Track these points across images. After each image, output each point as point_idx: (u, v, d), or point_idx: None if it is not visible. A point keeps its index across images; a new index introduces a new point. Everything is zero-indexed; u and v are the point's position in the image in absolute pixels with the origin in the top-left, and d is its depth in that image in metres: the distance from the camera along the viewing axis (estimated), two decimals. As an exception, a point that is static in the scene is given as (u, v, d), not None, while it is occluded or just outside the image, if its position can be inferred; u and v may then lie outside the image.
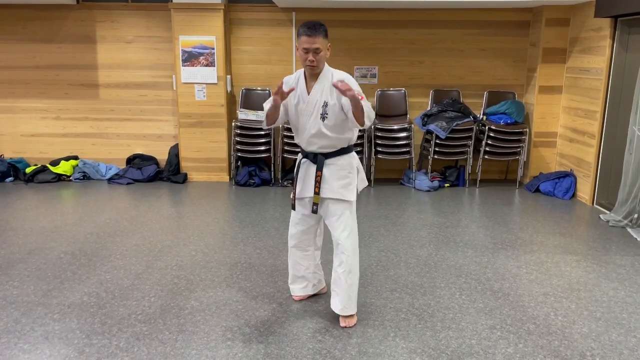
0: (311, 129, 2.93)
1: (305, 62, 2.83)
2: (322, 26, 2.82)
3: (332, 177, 2.96)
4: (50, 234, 4.57)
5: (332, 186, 2.96)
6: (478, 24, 6.47)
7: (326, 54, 2.86)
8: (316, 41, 2.77)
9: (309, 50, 2.79)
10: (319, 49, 2.80)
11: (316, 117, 2.90)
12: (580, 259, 4.13)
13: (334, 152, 2.98)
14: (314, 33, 2.77)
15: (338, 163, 2.99)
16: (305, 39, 2.78)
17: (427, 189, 6.17)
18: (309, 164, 3.02)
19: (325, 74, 2.92)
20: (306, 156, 3.03)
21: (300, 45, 2.82)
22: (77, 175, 6.52)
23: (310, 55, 2.80)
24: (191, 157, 6.57)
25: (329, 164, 2.97)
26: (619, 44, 5.26)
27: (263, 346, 2.81)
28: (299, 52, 2.85)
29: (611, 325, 3.10)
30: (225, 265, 3.91)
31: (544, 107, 6.32)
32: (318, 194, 2.97)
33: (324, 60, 2.88)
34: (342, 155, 3.00)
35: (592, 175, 5.62)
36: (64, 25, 6.52)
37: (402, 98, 6.57)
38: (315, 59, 2.81)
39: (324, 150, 2.97)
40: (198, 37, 6.22)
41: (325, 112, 2.89)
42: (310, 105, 2.92)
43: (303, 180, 3.04)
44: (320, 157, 2.96)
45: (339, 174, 2.98)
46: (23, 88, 6.68)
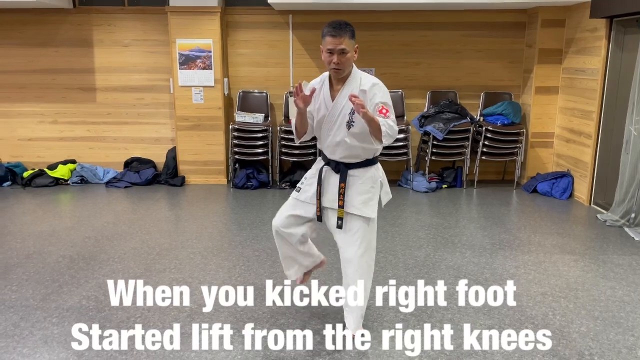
0: (335, 137, 2.72)
1: (330, 64, 2.63)
2: (349, 25, 2.63)
3: (353, 191, 2.76)
4: (48, 238, 4.56)
5: (351, 200, 2.75)
6: (474, 26, 6.49)
7: (353, 56, 2.66)
8: (342, 41, 2.58)
9: (333, 52, 2.59)
10: (345, 50, 2.60)
11: (341, 125, 2.69)
12: (578, 258, 4.14)
13: (358, 163, 2.78)
14: (340, 33, 2.58)
15: (361, 175, 2.79)
16: (330, 39, 2.59)
17: (425, 190, 6.18)
18: (330, 172, 2.81)
19: (353, 78, 2.72)
20: (328, 163, 2.83)
21: (324, 46, 2.63)
22: (75, 179, 6.51)
23: (335, 57, 2.60)
24: (189, 160, 6.57)
25: (351, 176, 2.77)
26: (614, 44, 5.28)
27: (262, 348, 2.81)
28: (323, 55, 2.65)
29: (609, 325, 3.11)
30: (224, 268, 3.91)
31: (540, 108, 6.34)
32: (342, 208, 2.75)
33: (350, 63, 2.67)
34: (366, 167, 2.80)
35: (589, 175, 5.64)
36: (61, 29, 6.52)
37: (399, 100, 6.58)
38: (340, 61, 2.61)
39: (348, 160, 2.77)
40: (195, 40, 6.23)
41: (352, 120, 2.67)
42: (335, 112, 2.71)
43: (323, 187, 2.82)
44: (343, 168, 2.76)
45: (361, 187, 2.77)
46: (20, 92, 6.67)
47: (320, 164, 2.90)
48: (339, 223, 2.78)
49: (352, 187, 2.77)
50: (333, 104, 2.71)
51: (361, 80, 2.73)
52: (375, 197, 2.84)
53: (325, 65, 2.68)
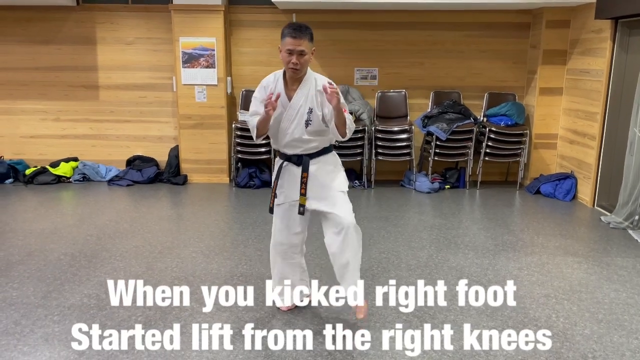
0: (293, 134, 2.85)
1: (289, 64, 2.74)
2: (308, 29, 2.74)
3: (320, 173, 2.91)
4: (50, 235, 4.55)
5: (322, 181, 2.90)
6: (478, 26, 6.47)
7: (310, 58, 2.78)
8: (301, 43, 2.69)
9: (293, 52, 2.71)
10: (304, 52, 2.71)
11: (299, 124, 2.83)
12: (582, 260, 4.12)
13: (317, 152, 2.92)
14: (300, 35, 2.69)
15: (322, 160, 2.94)
16: (289, 40, 2.70)
17: (428, 191, 6.16)
18: (291, 167, 2.94)
19: (308, 78, 2.83)
20: (288, 159, 2.95)
21: (283, 46, 2.74)
22: (77, 176, 6.51)
23: (294, 57, 2.71)
24: (191, 159, 6.56)
25: (314, 163, 2.91)
26: (619, 45, 5.25)
27: (264, 348, 2.79)
28: (282, 54, 2.76)
29: (613, 327, 3.09)
30: (226, 267, 3.90)
31: (544, 109, 6.32)
32: (304, 196, 2.90)
33: (307, 64, 2.79)
34: (326, 154, 2.96)
35: (593, 177, 5.61)
36: (64, 27, 6.51)
37: (402, 100, 6.56)
38: (299, 62, 2.72)
39: (308, 152, 2.91)
40: (198, 39, 6.22)
41: (309, 119, 2.81)
42: (292, 111, 2.83)
43: (288, 184, 2.95)
44: (305, 158, 2.90)
45: (325, 168, 2.93)
46: (23, 89, 6.67)
47: (279, 162, 3.01)
48: (301, 209, 2.91)
49: (318, 170, 2.90)
50: (291, 104, 2.82)
51: (316, 81, 2.83)
52: (342, 173, 3.00)
53: (284, 64, 2.79)
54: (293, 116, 2.83)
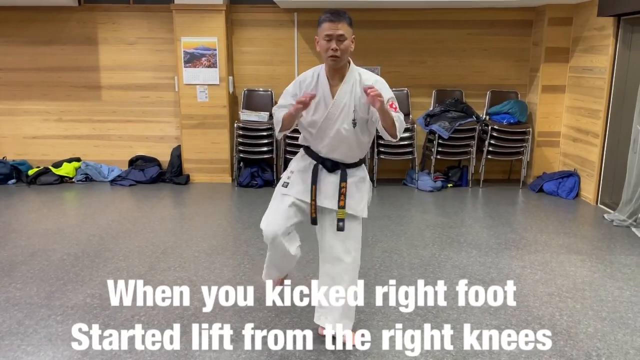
0: (336, 136, 2.62)
1: (328, 51, 2.50)
2: (347, 14, 2.54)
3: (351, 191, 2.69)
4: (53, 235, 4.56)
5: (349, 201, 2.68)
6: (480, 24, 6.45)
7: (351, 46, 2.56)
8: (340, 27, 2.48)
9: (332, 37, 2.48)
10: (343, 36, 2.49)
11: (342, 123, 2.60)
12: (585, 258, 4.11)
13: (354, 164, 2.73)
14: (338, 18, 2.49)
15: (356, 175, 2.73)
16: (327, 25, 2.48)
17: (430, 189, 6.15)
18: (324, 171, 2.72)
19: (352, 72, 2.62)
20: (322, 162, 2.71)
21: (321, 32, 2.51)
22: (80, 177, 6.52)
23: (333, 43, 2.48)
24: (193, 159, 6.56)
25: (350, 176, 2.70)
26: (622, 42, 5.23)
27: (266, 347, 2.79)
28: (320, 43, 2.54)
29: (617, 325, 3.08)
30: (229, 266, 3.90)
31: (547, 107, 6.30)
32: (344, 208, 2.66)
33: (348, 52, 2.56)
34: (359, 167, 2.76)
35: (596, 174, 5.60)
36: (66, 27, 6.52)
37: (404, 98, 6.55)
38: (339, 48, 2.49)
39: (345, 160, 2.70)
40: (200, 39, 6.22)
41: (355, 118, 2.58)
42: (335, 109, 2.59)
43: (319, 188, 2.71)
44: (342, 167, 2.68)
45: (357, 187, 2.72)
46: (25, 90, 6.68)
47: (307, 160, 2.76)
48: (340, 225, 2.68)
49: (350, 187, 2.69)
50: (334, 100, 2.60)
51: (361, 76, 2.64)
52: (366, 196, 2.80)
53: (322, 54, 2.57)
54: (337, 114, 2.60)
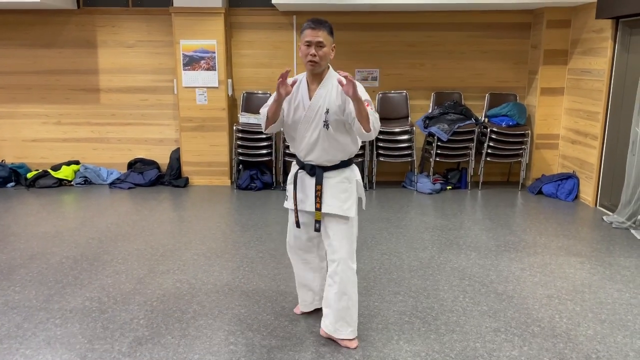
0: (311, 138, 2.70)
1: (307, 57, 2.61)
2: (328, 23, 2.63)
3: (329, 191, 2.74)
4: (52, 238, 4.55)
5: (329, 201, 2.73)
6: (479, 27, 6.47)
7: (330, 53, 2.64)
8: (319, 34, 2.57)
9: (311, 44, 2.58)
10: (322, 43, 2.58)
11: (317, 126, 2.67)
12: (584, 260, 4.11)
13: (333, 166, 2.76)
14: (318, 27, 2.58)
15: (336, 176, 2.76)
16: (308, 32, 2.59)
17: (429, 192, 6.15)
18: (305, 176, 2.79)
19: (329, 78, 2.69)
20: (302, 167, 2.80)
21: (302, 39, 2.62)
22: (79, 180, 6.51)
23: (312, 49, 2.58)
24: (192, 161, 6.56)
25: (327, 177, 2.74)
26: (620, 45, 5.25)
27: (266, 350, 2.79)
28: (301, 49, 2.64)
29: (616, 327, 3.07)
30: (228, 269, 3.90)
31: (545, 109, 6.31)
32: (319, 210, 2.73)
33: (327, 59, 2.64)
34: (341, 169, 2.78)
35: (595, 176, 5.60)
36: (65, 30, 6.53)
37: (403, 101, 6.56)
38: (317, 54, 2.58)
39: (323, 163, 2.74)
40: (199, 41, 6.22)
41: (327, 120, 2.65)
42: (311, 112, 2.68)
43: (301, 192, 2.81)
44: (318, 170, 2.74)
45: (337, 187, 2.75)
46: (24, 93, 6.68)
47: (295, 168, 2.87)
48: (317, 226, 2.77)
49: (328, 187, 2.74)
50: (310, 104, 2.69)
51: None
52: (353, 195, 2.80)
53: (302, 59, 2.65)
54: (312, 117, 2.68)
